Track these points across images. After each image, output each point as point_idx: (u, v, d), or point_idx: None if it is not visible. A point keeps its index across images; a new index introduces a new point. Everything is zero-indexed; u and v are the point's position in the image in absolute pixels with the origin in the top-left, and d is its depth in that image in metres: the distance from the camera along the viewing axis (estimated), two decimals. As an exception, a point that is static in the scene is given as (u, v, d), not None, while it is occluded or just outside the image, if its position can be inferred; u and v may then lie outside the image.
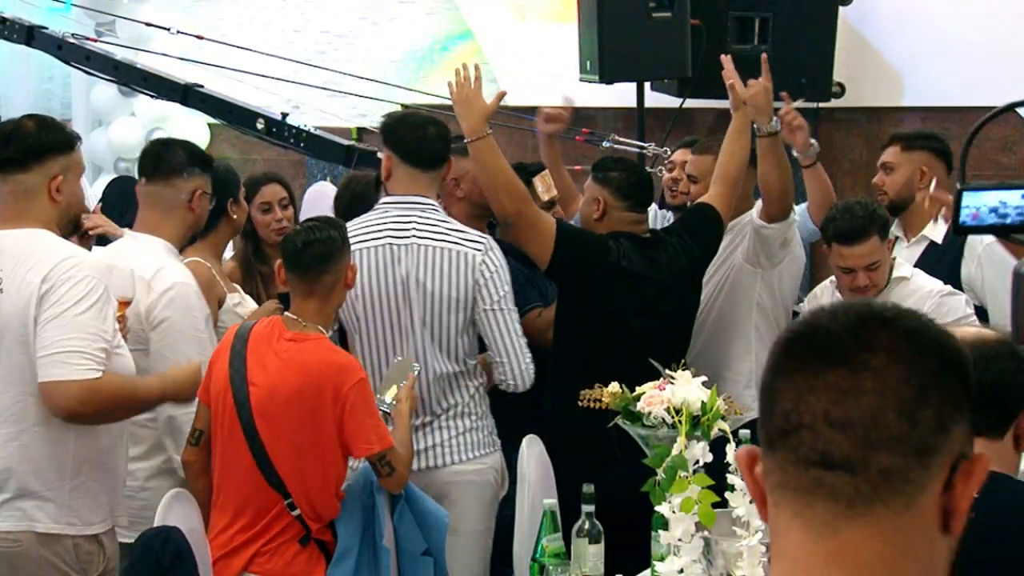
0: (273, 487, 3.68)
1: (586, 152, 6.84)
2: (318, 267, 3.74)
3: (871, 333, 1.30)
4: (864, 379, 1.28)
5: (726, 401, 3.42)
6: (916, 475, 1.27)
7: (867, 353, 1.29)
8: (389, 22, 8.64)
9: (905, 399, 1.27)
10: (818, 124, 7.73)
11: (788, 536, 1.30)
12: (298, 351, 3.71)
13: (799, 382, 1.30)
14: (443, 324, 4.12)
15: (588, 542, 3.46)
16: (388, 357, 4.12)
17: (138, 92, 6.77)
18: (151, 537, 3.43)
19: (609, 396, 3.51)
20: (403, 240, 4.12)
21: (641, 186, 4.52)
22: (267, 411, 3.67)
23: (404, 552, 3.83)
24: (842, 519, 1.27)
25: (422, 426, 4.14)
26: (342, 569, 3.69)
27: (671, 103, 6.95)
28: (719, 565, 3.28)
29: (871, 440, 1.26)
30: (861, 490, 1.27)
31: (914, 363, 1.29)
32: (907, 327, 1.31)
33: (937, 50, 7.33)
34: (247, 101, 6.02)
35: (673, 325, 4.47)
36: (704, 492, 3.21)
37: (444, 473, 4.14)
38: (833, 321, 1.32)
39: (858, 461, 1.27)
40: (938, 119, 7.11)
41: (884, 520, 1.27)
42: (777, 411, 1.32)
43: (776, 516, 1.32)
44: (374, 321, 4.13)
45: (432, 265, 4.10)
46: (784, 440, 1.31)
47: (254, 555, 3.69)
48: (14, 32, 6.10)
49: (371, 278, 4.11)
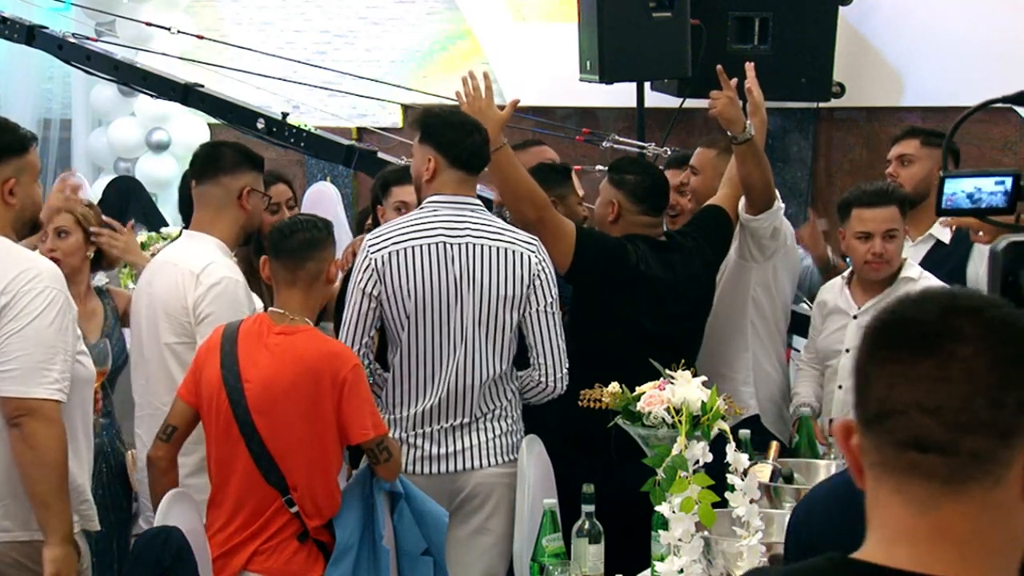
0: (271, 484, 3.67)
1: (586, 152, 6.85)
2: (302, 253, 3.75)
3: (958, 323, 1.41)
4: (953, 368, 1.39)
5: (726, 401, 3.41)
6: (1002, 455, 1.39)
7: (955, 343, 1.40)
8: (389, 22, 8.64)
9: (991, 386, 1.39)
10: (818, 124, 7.75)
11: (889, 509, 1.44)
12: (290, 343, 3.71)
13: (892, 370, 1.42)
14: (497, 323, 4.07)
15: (588, 542, 3.46)
16: (435, 356, 4.05)
17: (138, 92, 6.78)
18: (151, 537, 3.43)
19: (609, 396, 3.50)
20: (457, 238, 4.07)
21: (657, 190, 4.50)
22: (264, 407, 3.66)
23: (403, 552, 3.83)
24: (939, 496, 1.40)
25: (461, 427, 4.08)
26: (341, 568, 3.68)
27: (671, 103, 6.96)
28: (719, 565, 3.28)
29: (961, 424, 1.39)
30: (954, 470, 1.39)
31: (998, 352, 1.40)
32: (992, 317, 1.42)
33: (937, 50, 7.34)
34: (247, 101, 6.03)
35: (688, 328, 4.46)
36: (704, 492, 3.21)
37: (479, 475, 4.09)
38: (920, 311, 1.44)
39: (950, 444, 1.39)
40: (938, 119, 7.11)
41: (976, 497, 1.40)
42: (872, 396, 1.44)
43: (876, 489, 1.45)
44: (425, 318, 4.05)
45: (488, 263, 4.06)
46: (880, 423, 1.43)
47: (253, 553, 3.68)
48: (15, 32, 6.11)
49: (424, 274, 4.04)
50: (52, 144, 8.91)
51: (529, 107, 7.85)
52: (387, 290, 4.02)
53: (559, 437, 4.26)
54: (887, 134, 7.40)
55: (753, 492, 3.26)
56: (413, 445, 4.06)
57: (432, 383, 4.06)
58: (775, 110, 7.72)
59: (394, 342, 4.10)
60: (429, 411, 4.06)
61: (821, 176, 7.75)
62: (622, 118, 7.26)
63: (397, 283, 4.01)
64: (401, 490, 3.84)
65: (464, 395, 4.07)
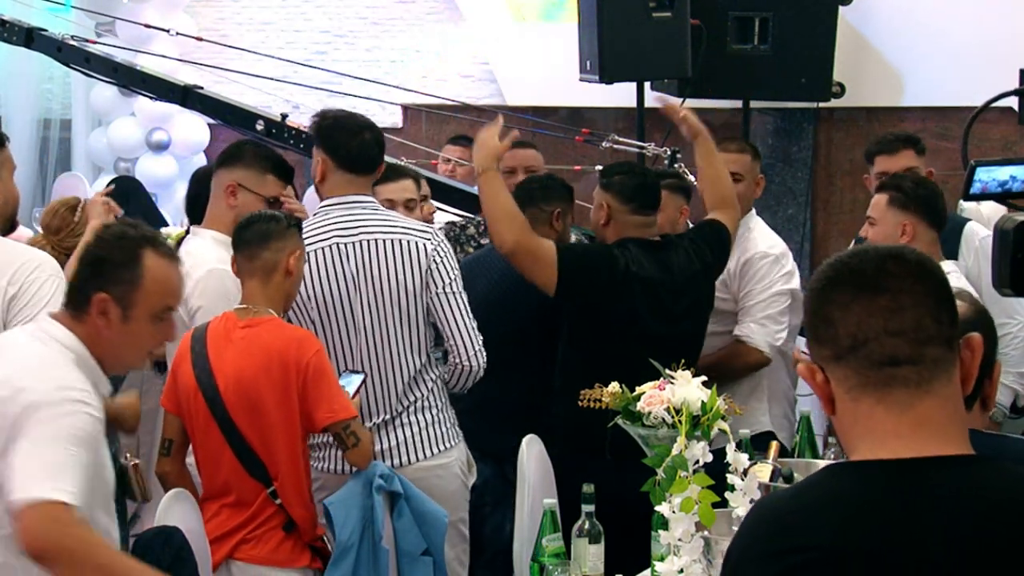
0: (255, 477, 3.72)
1: (586, 152, 6.85)
2: (257, 243, 3.79)
3: (891, 267, 1.81)
4: (903, 299, 1.80)
5: (726, 401, 3.41)
6: (949, 357, 1.81)
7: (898, 280, 1.80)
8: (389, 22, 8.64)
9: (931, 307, 1.80)
10: (818, 124, 7.75)
11: (873, 418, 1.80)
12: (255, 335, 3.74)
13: (856, 309, 1.80)
14: (403, 316, 4.10)
15: (588, 542, 3.46)
16: (347, 357, 4.08)
17: (138, 94, 6.78)
18: (151, 537, 3.42)
19: (609, 396, 3.50)
20: (350, 238, 4.10)
21: (645, 188, 4.49)
22: (239, 402, 3.70)
23: (403, 552, 3.84)
24: (914, 397, 1.79)
25: (384, 424, 4.11)
26: (341, 569, 3.69)
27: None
28: (719, 565, 3.27)
29: (920, 339, 1.79)
30: (923, 375, 1.79)
31: (928, 281, 1.82)
32: (910, 259, 1.83)
33: (937, 50, 7.34)
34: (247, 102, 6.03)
35: (688, 328, 4.44)
36: (704, 492, 3.20)
37: (409, 471, 4.08)
38: (861, 263, 1.83)
39: (916, 356, 1.79)
40: (938, 119, 7.12)
41: (941, 392, 1.80)
42: (843, 332, 1.80)
43: (856, 409, 1.81)
44: (330, 320, 4.09)
45: (384, 257, 4.09)
46: (854, 352, 1.80)
47: (239, 542, 3.73)
48: (13, 34, 6.11)
49: (321, 277, 4.08)
50: (52, 144, 8.91)
51: (529, 107, 7.87)
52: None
53: (559, 437, 4.26)
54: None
55: (753, 492, 3.26)
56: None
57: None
58: (775, 110, 7.75)
59: None
60: (358, 408, 4.01)
61: (821, 176, 7.75)
62: (622, 118, 7.26)
63: (301, 288, 4.02)
64: (401, 490, 3.84)
65: (382, 392, 4.10)
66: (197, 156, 8.64)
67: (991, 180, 2.80)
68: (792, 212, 7.65)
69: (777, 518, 1.82)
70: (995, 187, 2.81)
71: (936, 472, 1.77)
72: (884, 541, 1.73)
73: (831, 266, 1.86)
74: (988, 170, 2.81)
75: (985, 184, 2.80)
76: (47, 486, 2.72)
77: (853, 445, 1.83)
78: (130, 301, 2.91)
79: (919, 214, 4.46)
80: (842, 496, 1.79)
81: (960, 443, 1.81)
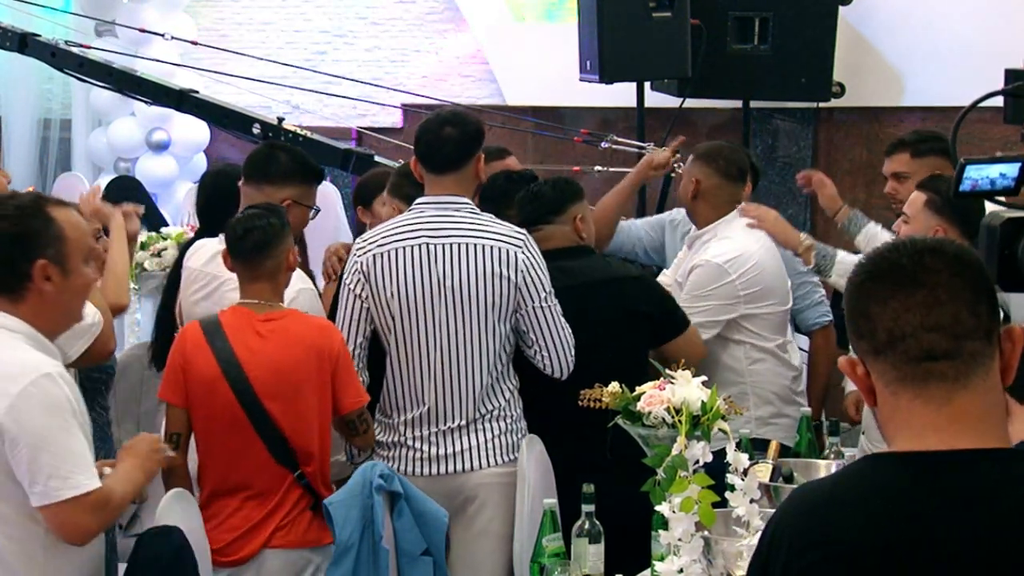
0: (282, 463, 3.78)
1: (586, 152, 6.85)
2: (258, 253, 3.84)
3: (928, 261, 1.83)
4: (940, 293, 1.81)
5: (726, 401, 3.41)
6: (988, 351, 1.83)
7: (935, 275, 1.82)
8: (389, 22, 8.64)
9: (968, 301, 1.82)
10: (818, 124, 7.75)
11: (912, 411, 1.83)
12: (283, 327, 3.82)
13: (894, 305, 1.82)
14: (487, 323, 4.04)
15: (588, 542, 3.45)
16: (426, 359, 4.02)
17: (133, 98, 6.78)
18: (151, 537, 3.42)
19: (609, 396, 3.50)
20: (441, 239, 4.04)
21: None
22: (274, 391, 3.76)
23: (403, 552, 3.84)
24: (951, 392, 1.81)
25: (459, 429, 4.06)
26: (341, 569, 3.69)
27: (671, 103, 6.96)
28: (719, 565, 3.27)
29: (958, 334, 1.81)
30: (960, 369, 1.81)
31: (964, 275, 1.83)
32: (948, 251, 1.85)
33: (937, 50, 7.34)
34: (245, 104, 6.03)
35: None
36: (704, 492, 3.20)
37: (478, 476, 4.06)
38: (898, 257, 1.85)
39: (954, 350, 1.81)
40: (938, 119, 7.10)
41: (979, 387, 1.82)
42: (880, 328, 1.83)
43: (896, 402, 1.84)
44: (410, 320, 4.02)
45: (473, 262, 4.02)
46: (892, 347, 1.82)
47: (274, 531, 3.79)
48: (7, 40, 6.11)
49: (407, 276, 4.02)
50: (52, 144, 8.91)
51: (529, 107, 7.87)
52: (373, 292, 4.03)
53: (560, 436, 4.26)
54: (887, 134, 7.39)
55: (753, 492, 3.26)
56: (411, 447, 4.06)
57: (425, 386, 4.04)
58: (775, 110, 7.75)
59: (386, 348, 4.09)
60: (425, 415, 4.05)
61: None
62: (622, 118, 7.26)
63: (381, 285, 4.02)
64: (401, 490, 3.85)
65: (460, 397, 4.05)
66: (197, 156, 8.65)
67: (981, 178, 2.83)
68: (792, 212, 7.63)
69: (814, 508, 1.88)
70: (985, 185, 2.84)
71: (971, 466, 1.80)
72: (909, 535, 1.76)
73: (870, 259, 1.88)
74: (978, 168, 2.84)
75: (975, 181, 2.83)
76: (72, 481, 2.93)
77: (892, 436, 1.86)
78: (64, 256, 3.03)
79: (953, 220, 4.43)
80: (875, 489, 1.82)
81: (997, 437, 1.83)
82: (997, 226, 2.56)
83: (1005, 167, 2.83)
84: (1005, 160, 2.86)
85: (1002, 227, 2.55)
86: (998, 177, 2.82)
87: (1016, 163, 2.82)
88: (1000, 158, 2.88)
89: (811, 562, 1.81)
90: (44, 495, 2.93)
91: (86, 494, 2.96)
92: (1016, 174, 2.81)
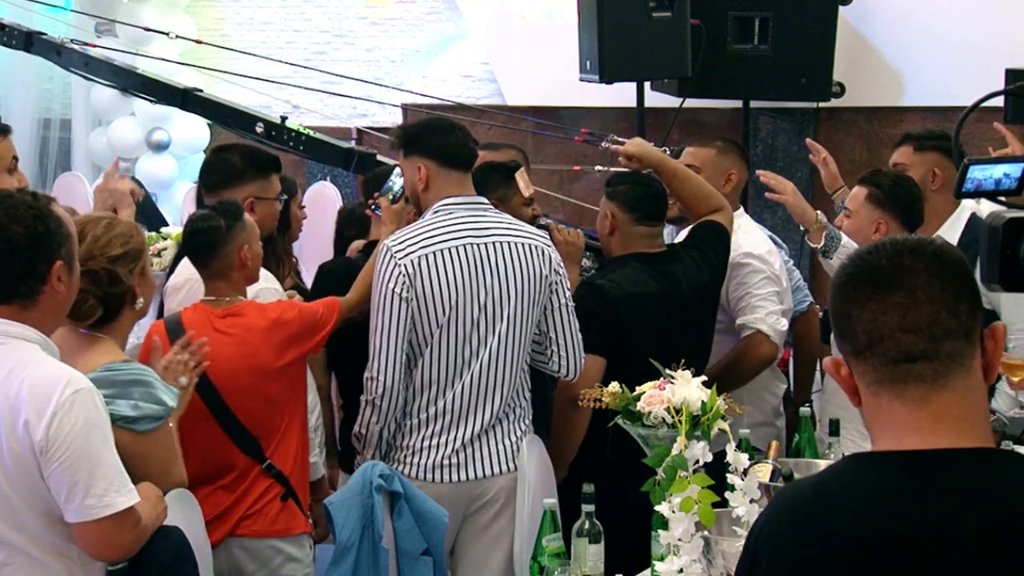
0: (249, 455, 3.84)
1: (585, 152, 6.85)
2: (205, 255, 3.92)
3: (907, 262, 1.83)
4: (918, 295, 1.81)
5: (726, 401, 3.41)
6: (967, 350, 1.83)
7: (912, 276, 1.82)
8: (389, 22, 8.65)
9: (947, 301, 1.82)
10: (818, 124, 7.75)
11: (893, 412, 1.84)
12: (241, 321, 3.88)
13: (872, 307, 1.83)
14: (524, 320, 4.03)
15: (588, 542, 3.45)
16: (460, 360, 3.97)
17: (137, 97, 6.78)
18: (151, 537, 3.41)
19: (609, 396, 3.50)
20: (483, 238, 4.01)
21: (649, 198, 4.44)
22: (233, 384, 3.81)
23: (403, 552, 3.84)
24: (930, 392, 1.82)
25: (484, 432, 4.02)
26: (341, 569, 3.70)
27: (671, 103, 6.96)
28: (719, 565, 3.27)
29: (936, 335, 1.81)
30: (938, 370, 1.82)
31: (943, 276, 1.83)
32: (928, 252, 1.84)
33: (937, 50, 7.34)
34: (247, 103, 6.03)
35: (690, 340, 4.34)
36: (704, 492, 3.20)
37: (501, 480, 4.04)
38: (876, 258, 1.85)
39: (932, 351, 1.81)
40: (938, 119, 7.10)
41: (958, 386, 1.82)
42: (859, 330, 1.84)
43: (877, 403, 1.86)
44: (457, 323, 3.96)
45: (515, 261, 4.02)
46: (871, 349, 1.84)
47: (240, 519, 3.85)
48: (12, 39, 6.11)
49: (458, 278, 3.96)
50: (52, 144, 8.92)
51: (529, 107, 7.87)
52: (419, 296, 3.93)
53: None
54: (887, 134, 7.41)
55: (753, 492, 3.26)
56: (434, 448, 4.00)
57: (457, 387, 3.98)
58: (775, 110, 7.75)
59: (419, 351, 3.99)
60: (455, 415, 3.99)
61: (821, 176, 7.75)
62: (622, 118, 7.26)
63: (430, 289, 3.92)
64: (401, 490, 3.84)
65: (490, 394, 4.01)
66: (197, 155, 8.65)
67: (985, 178, 2.85)
68: (792, 212, 7.65)
69: (799, 506, 1.89)
70: (989, 185, 2.87)
71: (951, 465, 1.81)
72: (899, 531, 1.77)
73: (851, 260, 1.89)
74: (981, 168, 2.88)
75: (979, 182, 2.85)
76: (108, 500, 2.91)
77: (875, 436, 1.88)
78: (71, 255, 3.04)
79: (894, 213, 4.50)
80: (861, 486, 1.83)
81: (978, 436, 1.84)
82: (999, 226, 2.55)
83: (1009, 167, 2.87)
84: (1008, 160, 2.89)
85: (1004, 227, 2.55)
86: (1002, 177, 2.86)
87: (1019, 163, 2.86)
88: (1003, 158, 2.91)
89: (809, 556, 1.82)
90: (82, 511, 2.89)
91: (128, 510, 2.94)
92: (1019, 174, 2.84)
